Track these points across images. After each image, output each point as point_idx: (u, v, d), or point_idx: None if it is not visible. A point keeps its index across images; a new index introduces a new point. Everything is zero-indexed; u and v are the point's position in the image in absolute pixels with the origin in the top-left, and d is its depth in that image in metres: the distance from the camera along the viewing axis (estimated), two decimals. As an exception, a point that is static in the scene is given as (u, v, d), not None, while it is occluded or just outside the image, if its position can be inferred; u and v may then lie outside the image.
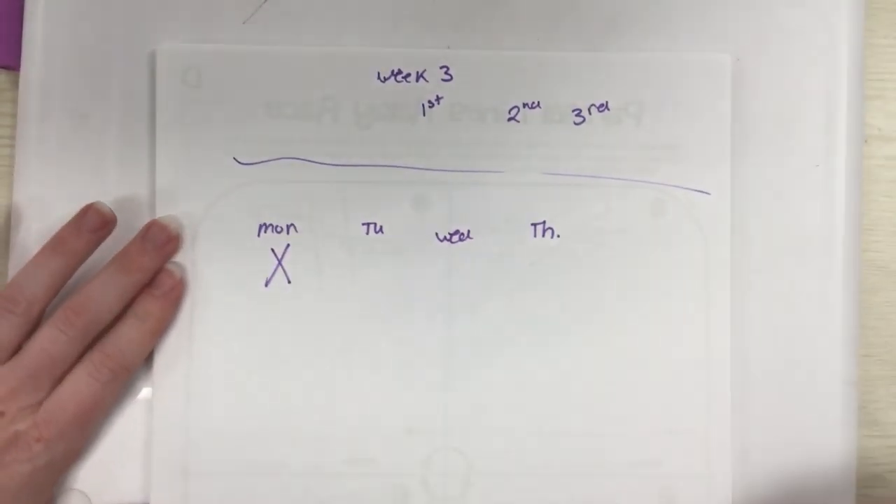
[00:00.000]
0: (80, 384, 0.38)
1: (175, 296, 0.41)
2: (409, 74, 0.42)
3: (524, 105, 0.42)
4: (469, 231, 0.42)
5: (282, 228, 0.42)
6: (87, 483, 0.42)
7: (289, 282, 0.42)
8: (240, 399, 0.42)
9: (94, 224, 0.40)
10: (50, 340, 0.38)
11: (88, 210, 0.40)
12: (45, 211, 0.42)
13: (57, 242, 0.40)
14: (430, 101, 0.42)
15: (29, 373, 0.38)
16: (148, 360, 0.42)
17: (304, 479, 0.42)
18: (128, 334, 0.40)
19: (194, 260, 0.42)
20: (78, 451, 0.40)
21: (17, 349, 0.39)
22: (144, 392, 0.42)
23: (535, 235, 0.42)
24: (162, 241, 0.41)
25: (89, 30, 0.42)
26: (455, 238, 0.42)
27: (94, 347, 0.39)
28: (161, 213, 0.42)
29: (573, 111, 0.43)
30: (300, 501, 0.42)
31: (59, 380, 0.39)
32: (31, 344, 0.38)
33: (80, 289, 0.40)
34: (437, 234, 0.42)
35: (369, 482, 0.42)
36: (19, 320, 0.38)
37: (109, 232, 0.41)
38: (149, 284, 0.41)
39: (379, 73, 0.42)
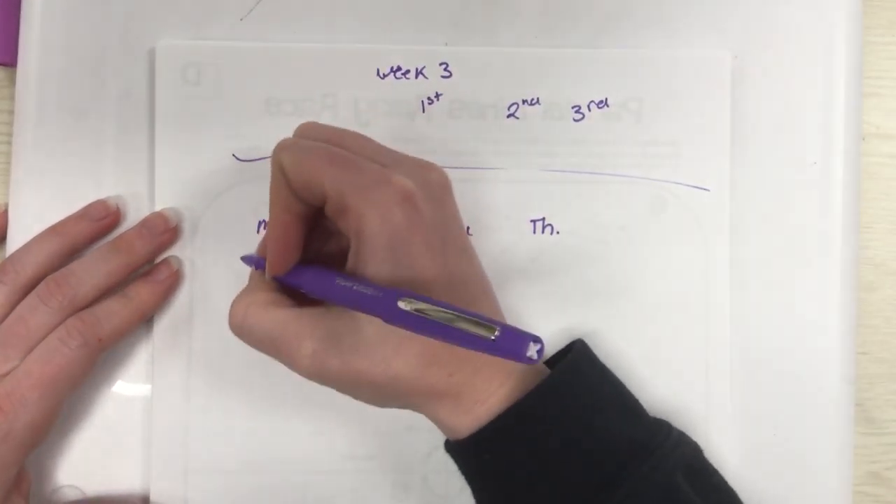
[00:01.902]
0: (49, 349, 0.37)
1: (168, 285, 0.41)
2: (408, 71, 0.42)
3: (523, 102, 0.42)
4: (468, 227, 0.42)
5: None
6: (87, 479, 0.42)
7: (288, 279, 0.42)
8: (239, 396, 0.42)
9: (97, 214, 0.41)
10: (28, 309, 0.38)
11: (95, 202, 0.41)
12: (41, 208, 0.42)
13: (58, 225, 0.41)
14: (429, 98, 0.42)
15: (1, 341, 0.37)
16: (146, 355, 0.42)
17: (304, 475, 0.42)
18: (110, 307, 0.39)
19: (194, 257, 0.42)
20: (42, 426, 0.37)
21: (3, 319, 0.38)
22: (144, 389, 0.42)
23: (534, 232, 0.42)
24: (160, 230, 0.41)
25: (87, 26, 0.42)
26: (455, 235, 0.42)
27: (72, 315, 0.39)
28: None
29: (573, 108, 0.43)
30: (300, 498, 0.42)
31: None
32: (11, 313, 0.38)
33: (68, 264, 0.40)
34: (436, 230, 0.42)
35: (369, 479, 0.42)
36: (4, 288, 0.38)
37: (112, 224, 0.41)
38: (145, 272, 0.41)
39: (378, 70, 0.42)
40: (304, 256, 0.36)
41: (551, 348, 0.40)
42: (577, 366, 0.36)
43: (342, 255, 0.35)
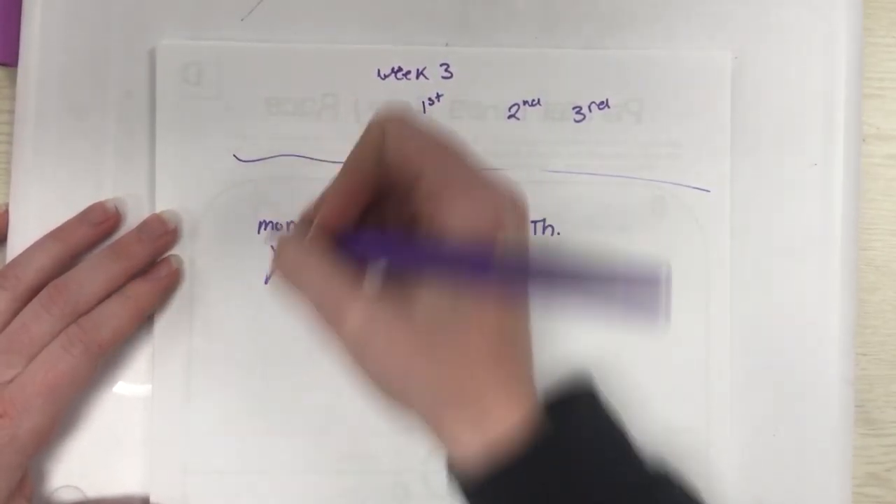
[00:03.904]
0: (52, 356, 0.38)
1: (167, 283, 0.41)
2: (409, 71, 0.42)
3: (524, 103, 0.42)
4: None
5: (281, 226, 0.42)
6: (87, 479, 0.41)
7: (288, 279, 0.42)
8: (239, 396, 0.42)
9: (96, 218, 0.41)
10: (31, 317, 0.38)
11: (94, 205, 0.41)
12: (42, 208, 0.42)
13: (58, 230, 0.41)
14: (430, 99, 0.42)
15: (4, 348, 0.38)
16: (146, 355, 0.42)
17: (304, 475, 0.42)
18: (109, 310, 0.39)
19: (194, 257, 0.42)
20: (45, 431, 0.38)
21: (6, 325, 0.38)
22: (144, 389, 0.42)
23: (535, 233, 0.42)
24: (158, 233, 0.41)
25: (88, 26, 0.42)
26: (455, 235, 0.42)
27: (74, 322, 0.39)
28: (160, 210, 0.42)
29: (573, 109, 0.43)
30: (300, 498, 0.42)
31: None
32: (14, 320, 0.38)
33: (69, 270, 0.40)
34: (437, 231, 0.42)
35: (370, 479, 0.42)
36: (6, 294, 0.38)
37: (112, 228, 0.41)
38: (145, 271, 0.41)
39: (379, 70, 0.42)
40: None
41: (550, 348, 0.40)
42: (582, 419, 0.34)
43: None
